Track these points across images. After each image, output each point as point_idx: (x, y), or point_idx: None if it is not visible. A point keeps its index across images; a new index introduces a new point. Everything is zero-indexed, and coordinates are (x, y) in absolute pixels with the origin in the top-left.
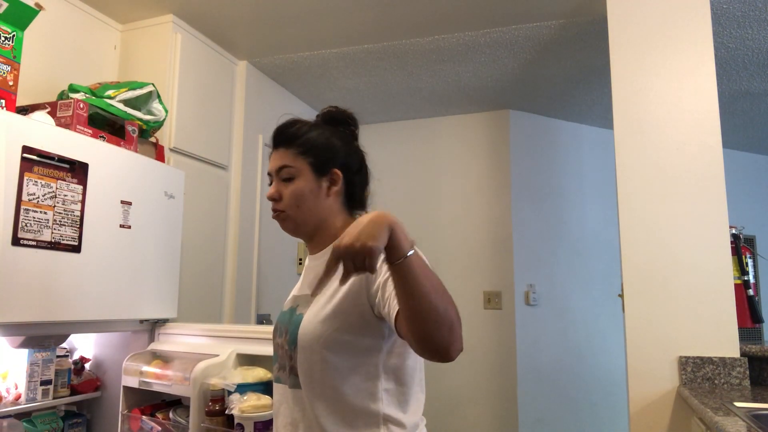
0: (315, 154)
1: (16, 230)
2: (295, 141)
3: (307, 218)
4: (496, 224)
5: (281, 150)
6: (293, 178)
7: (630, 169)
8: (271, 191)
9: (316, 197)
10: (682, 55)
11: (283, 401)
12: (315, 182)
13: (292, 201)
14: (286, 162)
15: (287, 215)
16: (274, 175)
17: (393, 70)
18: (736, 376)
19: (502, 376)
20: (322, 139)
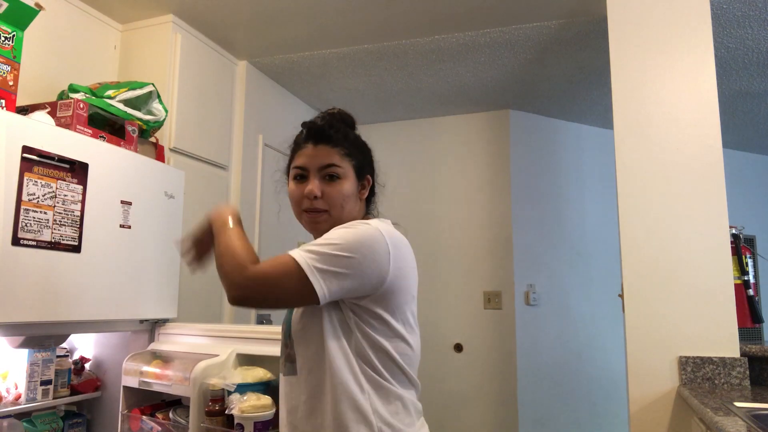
0: (358, 158)
1: (16, 230)
2: (342, 141)
3: (345, 220)
4: (496, 224)
5: (325, 147)
6: (340, 178)
7: (630, 169)
8: (313, 188)
9: (355, 200)
10: (682, 55)
11: (284, 390)
12: (356, 185)
13: (338, 201)
14: (334, 161)
15: (329, 215)
16: (315, 171)
17: (393, 70)
18: (736, 376)
19: (502, 376)
20: (360, 144)
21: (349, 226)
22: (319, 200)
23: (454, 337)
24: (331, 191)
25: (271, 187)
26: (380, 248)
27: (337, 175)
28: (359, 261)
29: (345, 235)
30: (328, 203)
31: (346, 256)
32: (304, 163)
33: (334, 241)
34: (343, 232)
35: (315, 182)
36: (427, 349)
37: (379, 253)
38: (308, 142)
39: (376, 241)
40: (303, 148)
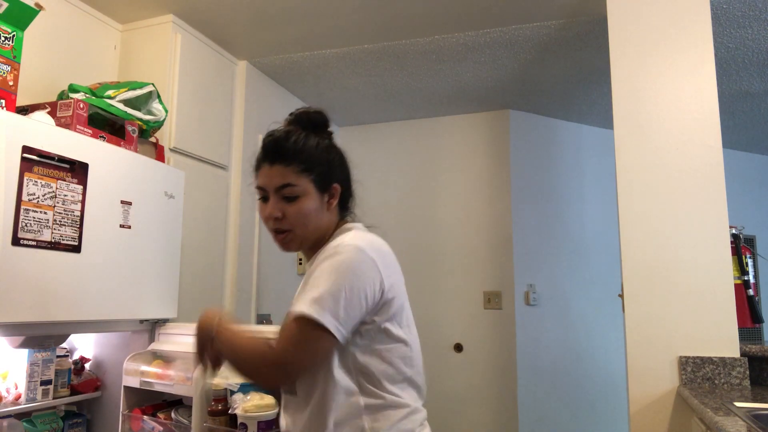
0: (318, 171)
1: (16, 230)
2: (297, 157)
3: (312, 235)
4: (496, 224)
5: (280, 166)
6: (298, 197)
7: (630, 169)
8: (272, 210)
9: (319, 214)
10: (682, 55)
11: (285, 405)
12: (319, 199)
13: (299, 221)
14: (289, 180)
15: (294, 235)
16: (272, 192)
17: (393, 70)
18: (736, 376)
19: (502, 376)
20: (322, 153)
21: (330, 257)
22: (282, 221)
23: (454, 337)
24: (290, 211)
25: None
26: (368, 266)
27: (295, 194)
28: (357, 289)
29: (331, 270)
30: (291, 223)
31: (343, 292)
32: (262, 184)
33: (325, 283)
34: (328, 267)
35: (274, 203)
36: (427, 349)
37: (369, 272)
38: (265, 161)
39: (362, 262)
40: (261, 167)
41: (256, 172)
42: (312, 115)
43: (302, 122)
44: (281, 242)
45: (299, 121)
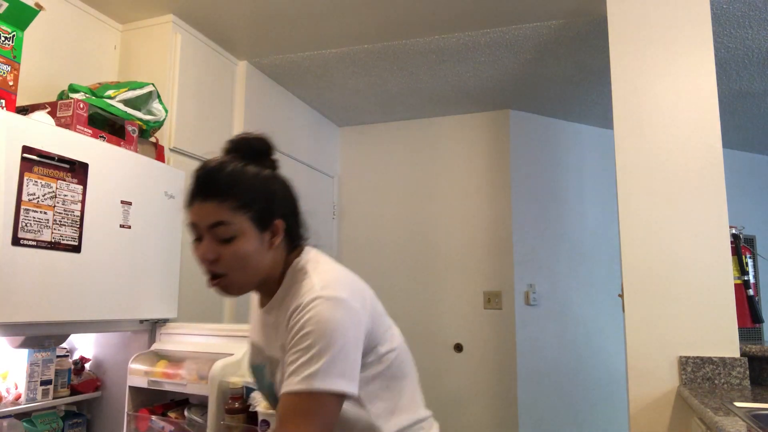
0: (257, 207)
1: (16, 230)
2: (232, 191)
3: (252, 279)
4: (496, 224)
5: (212, 203)
6: (234, 237)
7: (630, 169)
8: (205, 251)
9: (260, 255)
10: (682, 55)
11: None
12: (258, 239)
13: (235, 264)
14: (222, 218)
15: (230, 280)
16: (205, 231)
17: (393, 70)
18: (736, 376)
19: (502, 376)
20: (260, 187)
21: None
22: (216, 264)
23: (454, 337)
24: (225, 253)
25: None
26: (356, 317)
27: (230, 234)
28: (354, 340)
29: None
30: (226, 267)
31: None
32: (194, 221)
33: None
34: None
35: (208, 244)
36: (427, 349)
37: (358, 323)
38: (197, 196)
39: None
40: (193, 203)
41: (188, 208)
42: (252, 142)
43: (241, 150)
44: (216, 289)
45: (238, 148)
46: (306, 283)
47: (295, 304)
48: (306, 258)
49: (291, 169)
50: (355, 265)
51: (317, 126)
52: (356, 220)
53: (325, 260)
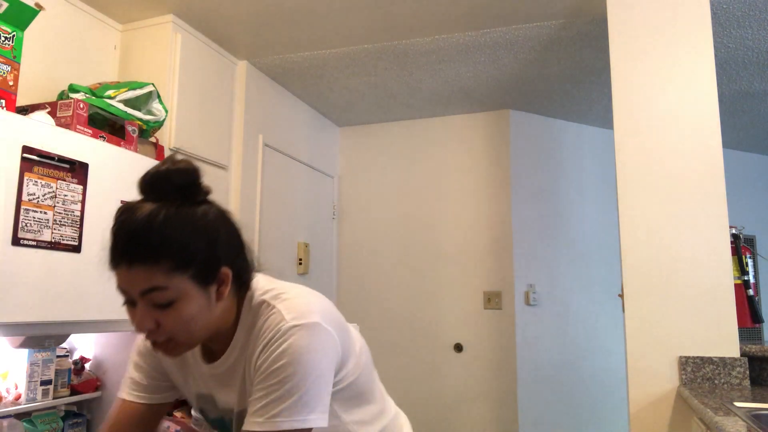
0: (196, 262)
1: (16, 230)
2: (163, 252)
3: (202, 336)
4: (496, 224)
5: (141, 268)
6: (174, 301)
7: (630, 169)
8: (142, 321)
9: (207, 311)
10: (682, 55)
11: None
12: (203, 296)
13: (179, 328)
14: (155, 284)
15: (176, 344)
16: (138, 297)
17: (393, 70)
18: (736, 376)
19: (502, 376)
20: (197, 237)
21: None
22: (156, 332)
23: (454, 337)
24: (166, 320)
25: (271, 187)
26: (330, 341)
27: (167, 300)
28: (328, 367)
29: (293, 366)
30: (168, 333)
31: (318, 379)
32: (123, 288)
33: (291, 383)
34: (289, 364)
35: (143, 311)
36: (427, 349)
37: (333, 346)
38: (120, 262)
39: (325, 341)
40: (117, 268)
41: (113, 270)
42: (173, 177)
43: (163, 191)
44: (164, 353)
45: (158, 190)
46: (273, 317)
47: (266, 339)
48: (260, 290)
49: (291, 169)
50: (355, 265)
51: (317, 126)
52: (356, 220)
53: (279, 285)
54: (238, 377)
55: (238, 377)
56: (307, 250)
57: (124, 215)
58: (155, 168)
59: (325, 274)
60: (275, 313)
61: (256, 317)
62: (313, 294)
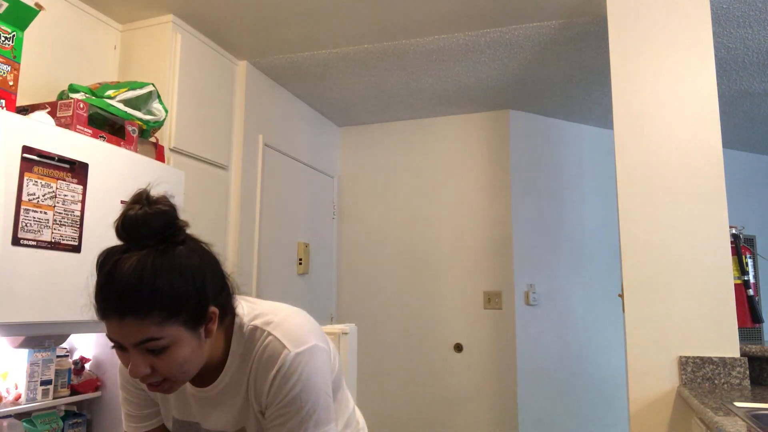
0: (187, 310)
1: (16, 230)
2: (154, 305)
3: (195, 371)
4: (496, 224)
5: (133, 321)
6: (168, 348)
7: (630, 169)
8: (138, 368)
9: (199, 350)
10: (682, 55)
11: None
12: (194, 338)
13: (174, 370)
14: (150, 335)
15: (174, 383)
16: (132, 347)
17: (393, 70)
18: (736, 376)
19: (502, 376)
20: (186, 285)
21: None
22: (153, 375)
23: (454, 337)
24: (161, 365)
25: (271, 187)
26: (327, 358)
27: (161, 347)
28: (328, 383)
29: (307, 392)
30: (164, 376)
31: (326, 396)
32: (115, 338)
33: (307, 408)
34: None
35: (137, 358)
36: (427, 349)
37: (329, 361)
38: (111, 314)
39: (323, 360)
40: (107, 319)
41: (102, 320)
42: (153, 223)
43: (144, 238)
44: (160, 392)
45: (139, 237)
46: (273, 345)
47: (274, 369)
48: (247, 315)
49: (291, 169)
50: (355, 265)
51: (317, 126)
52: (356, 220)
53: (261, 307)
54: (232, 400)
55: (232, 400)
56: (307, 250)
57: (110, 267)
58: (131, 211)
59: (325, 274)
60: (273, 341)
61: (250, 343)
62: (297, 313)
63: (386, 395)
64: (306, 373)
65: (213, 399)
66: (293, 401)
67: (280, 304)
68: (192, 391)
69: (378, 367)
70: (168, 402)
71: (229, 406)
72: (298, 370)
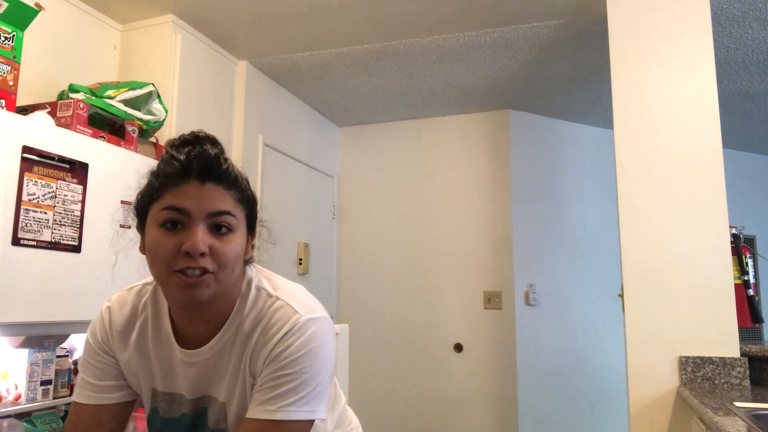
0: (249, 205)
1: (16, 230)
2: (236, 180)
3: (227, 286)
4: (496, 224)
5: (217, 188)
6: (232, 232)
7: (630, 169)
8: (202, 241)
9: (241, 260)
10: (682, 55)
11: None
12: (244, 242)
13: (230, 262)
14: (227, 207)
15: (216, 280)
16: (202, 218)
17: (393, 70)
18: (736, 376)
19: (502, 376)
20: (248, 185)
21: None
22: (207, 258)
23: (454, 337)
24: (222, 248)
25: (272, 188)
26: (333, 337)
27: (230, 227)
28: (331, 363)
29: (311, 358)
30: (218, 263)
31: (326, 375)
32: (186, 206)
33: (307, 374)
34: (307, 355)
35: (202, 233)
36: (427, 349)
37: (334, 341)
38: (190, 177)
39: (331, 338)
40: (182, 183)
41: (164, 190)
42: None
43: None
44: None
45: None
46: (285, 310)
47: (282, 331)
48: (255, 277)
49: (291, 169)
50: (355, 265)
51: (317, 126)
52: (356, 220)
53: (275, 276)
54: (224, 366)
55: (224, 366)
56: (307, 250)
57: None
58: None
59: (325, 274)
60: (284, 306)
61: (256, 306)
62: (303, 288)
63: (386, 395)
64: (314, 339)
65: (202, 365)
66: (292, 364)
67: (282, 278)
68: (181, 356)
69: (378, 367)
70: (151, 371)
71: (218, 375)
72: (307, 334)
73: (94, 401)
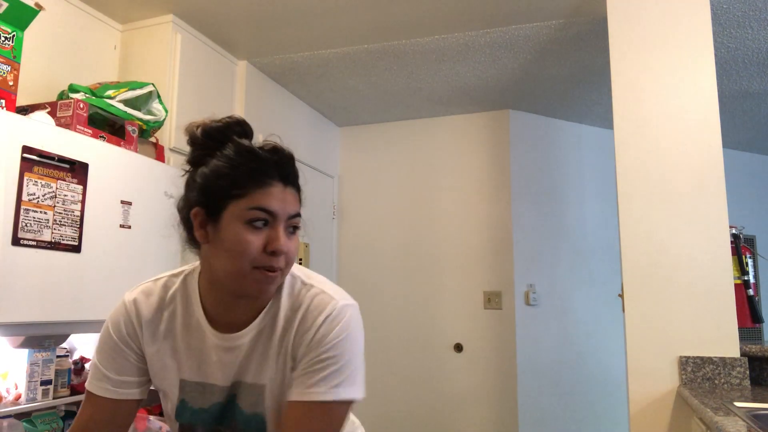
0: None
1: (16, 230)
2: (300, 187)
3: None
4: (496, 224)
5: (293, 191)
6: (297, 230)
7: (630, 169)
8: (285, 243)
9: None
10: (682, 56)
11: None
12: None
13: (293, 261)
14: (299, 209)
15: (282, 275)
16: (284, 220)
17: (393, 70)
18: (736, 376)
19: (502, 376)
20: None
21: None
22: (282, 257)
23: (454, 337)
24: (291, 248)
25: None
26: (361, 321)
27: (296, 227)
28: (362, 353)
29: (350, 341)
30: (286, 261)
31: (362, 360)
32: (275, 208)
33: (347, 357)
34: (347, 339)
35: (283, 233)
36: (428, 349)
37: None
38: (275, 179)
39: (360, 320)
40: (269, 185)
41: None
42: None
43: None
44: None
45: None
46: (322, 297)
47: (323, 315)
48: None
49: None
50: (355, 265)
51: (317, 126)
52: (356, 220)
53: (304, 268)
54: (262, 348)
55: (262, 348)
56: (307, 250)
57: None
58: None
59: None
60: (321, 293)
61: (294, 294)
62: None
63: (386, 395)
64: (351, 324)
65: (240, 349)
66: (335, 348)
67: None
68: (217, 341)
69: (378, 367)
70: (180, 361)
71: (257, 359)
72: (346, 318)
73: (113, 395)
